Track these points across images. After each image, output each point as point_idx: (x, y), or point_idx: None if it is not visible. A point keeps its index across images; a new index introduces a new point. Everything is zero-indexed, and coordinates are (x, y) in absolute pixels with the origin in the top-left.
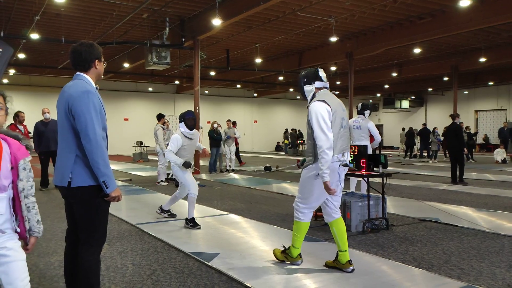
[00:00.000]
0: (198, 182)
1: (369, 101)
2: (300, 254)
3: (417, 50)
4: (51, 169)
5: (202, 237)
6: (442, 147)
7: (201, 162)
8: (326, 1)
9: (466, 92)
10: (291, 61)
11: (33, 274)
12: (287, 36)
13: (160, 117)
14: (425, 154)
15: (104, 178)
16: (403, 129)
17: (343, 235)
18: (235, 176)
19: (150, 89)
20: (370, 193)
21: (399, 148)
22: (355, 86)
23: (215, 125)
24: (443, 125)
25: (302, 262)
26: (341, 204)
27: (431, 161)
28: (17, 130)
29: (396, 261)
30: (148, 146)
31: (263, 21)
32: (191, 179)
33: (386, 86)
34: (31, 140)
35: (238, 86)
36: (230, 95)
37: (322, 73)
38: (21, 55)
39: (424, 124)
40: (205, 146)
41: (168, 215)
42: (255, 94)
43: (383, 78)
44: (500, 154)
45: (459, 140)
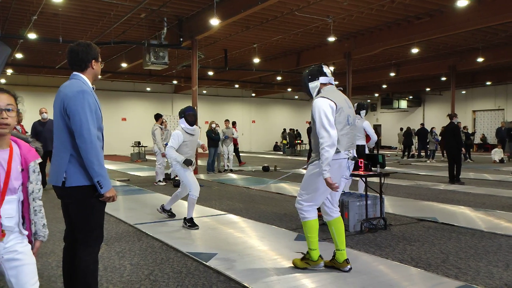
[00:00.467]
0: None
1: (367, 101)
2: (321, 256)
3: (415, 50)
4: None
5: (200, 237)
6: (440, 147)
7: (199, 162)
8: (324, 1)
9: (464, 92)
10: (289, 61)
11: None
12: (285, 36)
13: (158, 117)
14: (423, 154)
15: (99, 178)
16: (401, 129)
17: (341, 235)
18: (233, 176)
19: (148, 89)
20: (368, 193)
21: (397, 148)
22: (353, 86)
23: (213, 125)
24: (441, 125)
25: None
26: (340, 204)
27: (429, 161)
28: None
29: (394, 261)
30: (146, 146)
31: (261, 21)
32: (193, 179)
33: (384, 86)
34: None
35: (236, 86)
36: (228, 95)
37: (327, 69)
38: (19, 55)
39: (422, 124)
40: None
41: (168, 215)
42: (253, 94)
43: (381, 78)
44: (498, 154)
45: (457, 140)
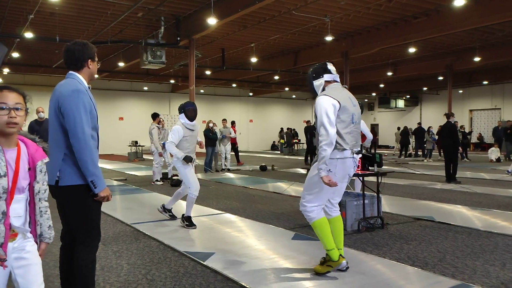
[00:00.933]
0: None
1: (364, 101)
2: (341, 255)
3: (412, 50)
4: None
5: (198, 237)
6: (437, 146)
7: (197, 162)
8: (322, 1)
9: (461, 92)
10: (287, 61)
11: None
12: (283, 36)
13: (155, 116)
14: (420, 153)
15: (93, 178)
16: (398, 128)
17: (340, 234)
18: (231, 175)
19: (145, 88)
20: (365, 192)
21: (394, 147)
22: (351, 86)
23: (211, 124)
24: (438, 124)
25: (347, 265)
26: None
27: (426, 160)
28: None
29: (391, 260)
30: (143, 146)
31: (259, 20)
32: (193, 178)
33: (381, 86)
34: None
35: (234, 86)
36: (226, 94)
37: (331, 66)
38: (15, 54)
39: (419, 123)
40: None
41: (170, 216)
42: (251, 94)
43: (379, 78)
44: (494, 153)
45: (454, 139)
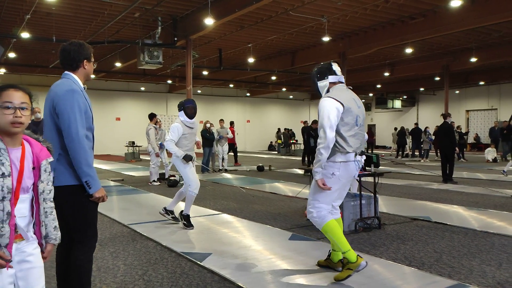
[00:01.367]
0: None
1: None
2: (359, 255)
3: (409, 50)
4: None
5: (195, 237)
6: (434, 147)
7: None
8: (319, 1)
9: (457, 92)
10: (284, 61)
11: None
12: (280, 36)
13: (152, 117)
14: (417, 154)
15: (87, 178)
16: (395, 129)
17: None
18: (228, 176)
19: (142, 89)
20: (362, 193)
21: (391, 148)
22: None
23: (208, 125)
24: (435, 125)
25: (366, 263)
26: None
27: (423, 160)
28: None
29: (388, 260)
30: (140, 146)
31: (256, 21)
32: (193, 176)
33: (379, 86)
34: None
35: (231, 86)
36: (223, 95)
37: (336, 67)
38: (12, 54)
39: (416, 124)
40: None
41: (172, 218)
42: (248, 94)
43: (376, 78)
44: (491, 153)
45: (451, 140)
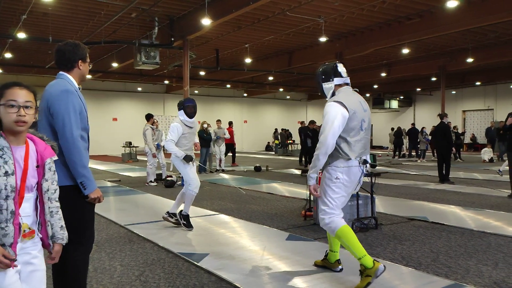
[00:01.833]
0: None
1: None
2: (375, 259)
3: (406, 51)
4: None
5: (192, 238)
6: (430, 147)
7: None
8: (315, 2)
9: (454, 92)
10: (281, 61)
11: None
12: (277, 36)
13: (149, 117)
14: (414, 154)
15: (82, 179)
16: (392, 129)
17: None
18: (225, 176)
19: (139, 89)
20: (359, 193)
21: (388, 148)
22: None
23: (205, 125)
24: (431, 125)
25: (384, 268)
26: None
27: (420, 161)
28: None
29: (385, 260)
30: (137, 147)
31: (253, 21)
32: (193, 175)
33: (376, 86)
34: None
35: (228, 86)
36: (220, 95)
37: (342, 68)
38: (8, 55)
39: (413, 124)
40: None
41: (175, 221)
42: (245, 94)
43: (373, 78)
44: (487, 154)
45: (447, 140)
